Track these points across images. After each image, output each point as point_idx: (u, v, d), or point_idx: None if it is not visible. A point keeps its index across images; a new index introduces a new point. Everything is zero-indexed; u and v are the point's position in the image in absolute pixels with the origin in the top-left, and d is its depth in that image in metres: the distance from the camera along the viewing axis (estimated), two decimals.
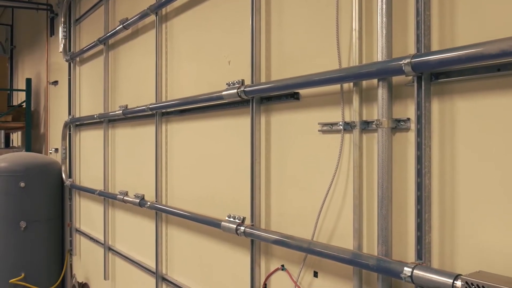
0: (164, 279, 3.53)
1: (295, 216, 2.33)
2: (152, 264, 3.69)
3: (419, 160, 1.69)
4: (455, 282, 1.50)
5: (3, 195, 5.37)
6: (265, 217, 2.51)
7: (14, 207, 5.40)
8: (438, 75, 1.68)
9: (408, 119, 1.80)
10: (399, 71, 1.68)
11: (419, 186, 1.69)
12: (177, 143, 3.43)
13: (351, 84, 2.01)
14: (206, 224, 2.86)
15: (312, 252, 2.06)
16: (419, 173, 1.69)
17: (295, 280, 2.27)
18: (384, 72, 1.77)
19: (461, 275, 1.49)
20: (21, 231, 5.39)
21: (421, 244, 1.68)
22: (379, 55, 1.83)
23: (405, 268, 1.64)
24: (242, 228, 2.47)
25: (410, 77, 1.76)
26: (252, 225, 2.47)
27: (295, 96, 2.31)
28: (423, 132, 1.68)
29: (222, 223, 2.61)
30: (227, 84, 2.61)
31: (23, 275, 5.37)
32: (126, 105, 3.99)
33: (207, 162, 3.07)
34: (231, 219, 2.57)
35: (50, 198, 5.69)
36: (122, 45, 4.31)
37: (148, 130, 3.80)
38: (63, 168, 5.69)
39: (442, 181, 1.69)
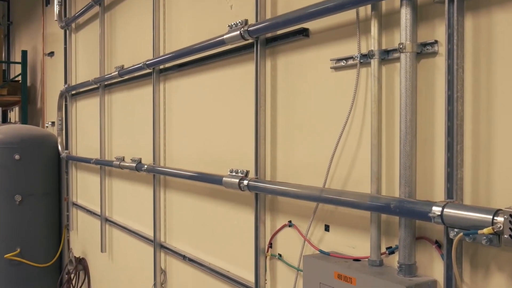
0: (162, 247, 3.32)
1: (304, 166, 2.11)
2: (150, 233, 3.48)
3: (449, 85, 1.47)
4: (495, 218, 1.28)
5: None
6: (270, 169, 2.30)
7: (9, 180, 5.18)
8: None
9: (436, 41, 1.57)
10: None
11: (450, 115, 1.46)
12: (176, 101, 3.20)
13: (369, 11, 1.78)
14: (206, 181, 2.64)
15: (324, 201, 1.84)
16: (449, 100, 1.46)
17: (304, 235, 2.06)
18: None
19: (502, 209, 1.28)
20: (16, 204, 5.18)
21: (451, 181, 1.46)
22: None
23: (434, 208, 1.42)
24: (246, 181, 2.25)
25: None
26: (257, 177, 2.26)
27: (304, 33, 2.09)
28: (455, 52, 1.45)
29: (224, 178, 2.39)
30: (229, 26, 2.38)
31: (18, 250, 5.18)
32: (122, 66, 3.76)
33: (207, 118, 2.84)
34: (234, 174, 2.35)
35: (46, 172, 5.47)
36: (118, 4, 4.07)
37: (145, 91, 3.57)
38: (59, 140, 5.47)
39: (476, 108, 1.47)
